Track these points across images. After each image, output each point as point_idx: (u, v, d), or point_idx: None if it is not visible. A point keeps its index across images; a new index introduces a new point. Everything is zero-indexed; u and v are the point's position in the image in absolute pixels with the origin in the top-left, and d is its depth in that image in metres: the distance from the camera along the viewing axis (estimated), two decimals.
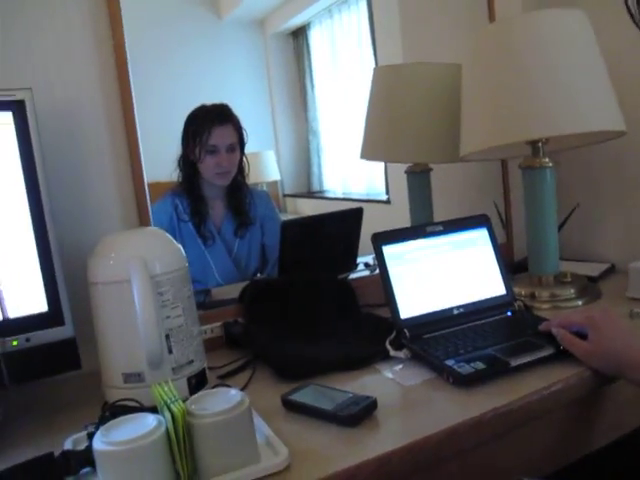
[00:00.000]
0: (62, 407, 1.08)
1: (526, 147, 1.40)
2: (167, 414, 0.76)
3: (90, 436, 0.88)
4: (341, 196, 3.48)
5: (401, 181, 1.75)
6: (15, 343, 0.97)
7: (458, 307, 1.21)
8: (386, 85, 1.63)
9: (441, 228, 1.26)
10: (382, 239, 1.20)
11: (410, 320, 1.17)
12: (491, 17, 1.67)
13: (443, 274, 1.23)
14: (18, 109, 0.95)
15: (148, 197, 1.23)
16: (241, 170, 2.00)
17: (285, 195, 3.66)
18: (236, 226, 2.00)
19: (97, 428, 0.88)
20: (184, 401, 0.80)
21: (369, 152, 1.66)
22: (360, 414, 0.91)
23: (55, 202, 1.01)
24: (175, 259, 1.03)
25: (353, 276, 1.57)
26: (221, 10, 3.57)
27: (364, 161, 1.72)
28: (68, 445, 0.90)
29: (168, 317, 1.00)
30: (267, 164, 3.46)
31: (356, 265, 1.68)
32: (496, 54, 1.29)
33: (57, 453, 0.86)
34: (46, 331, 0.99)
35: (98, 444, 0.75)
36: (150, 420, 0.77)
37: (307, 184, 3.78)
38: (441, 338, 1.13)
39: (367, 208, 1.64)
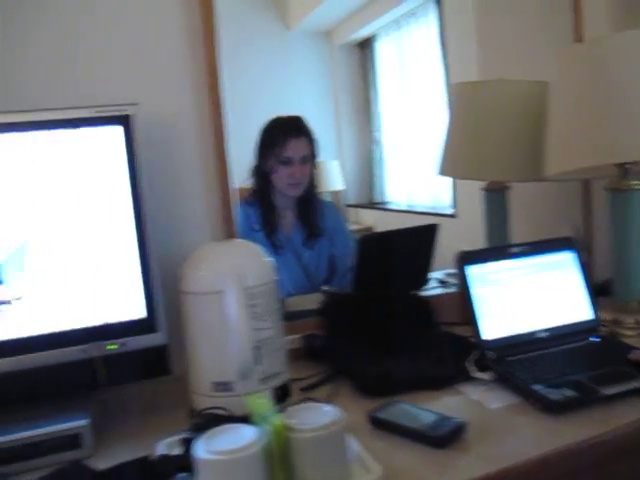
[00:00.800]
0: (150, 410, 1.12)
1: (612, 167, 1.37)
2: (267, 426, 0.78)
3: (184, 442, 0.91)
4: (405, 208, 3.48)
5: (469, 195, 1.74)
6: (113, 347, 1.01)
7: (542, 330, 1.19)
8: (467, 101, 1.63)
9: (525, 249, 1.24)
10: (466, 259, 1.20)
11: (493, 342, 1.16)
12: (577, 36, 1.64)
13: (527, 296, 1.21)
14: (126, 123, 0.99)
15: (234, 210, 1.26)
16: (312, 181, 2.03)
17: (348, 205, 3.68)
18: (305, 236, 2.02)
19: (191, 434, 0.91)
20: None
21: (448, 168, 1.65)
22: (450, 436, 0.91)
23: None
24: (266, 272, 1.05)
25: (426, 293, 1.57)
26: (290, 21, 3.63)
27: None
28: (162, 449, 0.93)
29: (258, 329, 1.02)
30: (331, 174, 3.49)
31: (427, 281, 1.67)
32: (588, 73, 1.27)
33: (149, 455, 0.89)
34: (141, 337, 1.03)
35: (201, 452, 0.77)
36: (249, 432, 0.79)
37: (369, 195, 3.80)
38: (526, 361, 1.12)
39: (431, 221, 1.64)
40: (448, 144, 1.65)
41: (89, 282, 1.00)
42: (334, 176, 3.52)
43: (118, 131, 1.00)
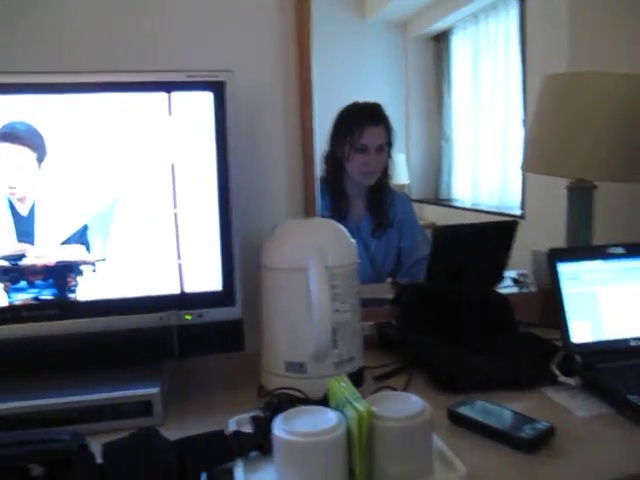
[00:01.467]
0: (219, 384, 1.10)
1: None
2: (351, 412, 0.74)
3: (255, 420, 0.88)
4: (469, 206, 3.38)
5: (541, 196, 1.65)
6: (189, 317, 0.99)
7: (636, 339, 1.11)
8: (559, 94, 1.54)
9: (623, 251, 1.16)
10: (558, 255, 1.13)
11: (582, 346, 1.08)
12: None
13: (622, 301, 1.13)
14: (218, 90, 0.97)
15: (317, 189, 1.22)
16: (385, 171, 1.98)
17: (412, 200, 3.61)
18: (374, 226, 1.97)
19: (263, 413, 0.89)
20: None
21: (532, 164, 1.57)
22: (538, 440, 0.85)
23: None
24: (349, 253, 1.02)
25: (503, 291, 1.50)
26: (366, 12, 3.58)
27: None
28: (232, 425, 0.90)
29: (337, 311, 0.98)
30: (397, 167, 3.43)
31: (502, 279, 1.60)
32: None
33: (223, 430, 0.86)
34: (218, 310, 1.01)
35: (279, 432, 0.74)
36: (331, 415, 0.76)
37: (435, 191, 3.71)
38: (618, 370, 1.04)
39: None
40: (533, 139, 1.57)
41: (170, 250, 0.98)
42: (400, 169, 3.45)
43: (209, 97, 0.97)
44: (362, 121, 1.87)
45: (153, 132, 0.96)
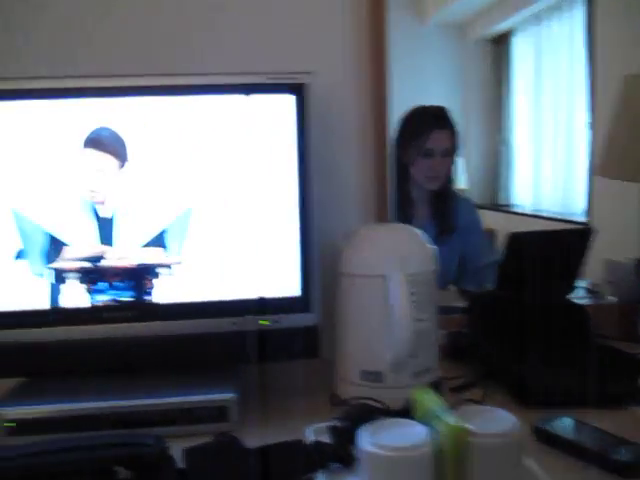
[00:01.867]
0: (293, 391, 1.08)
1: None
2: (441, 426, 0.71)
3: (333, 430, 0.86)
4: (530, 212, 3.28)
5: (610, 203, 1.58)
6: (265, 322, 0.98)
7: None
8: None
9: None
10: None
11: None
12: None
13: None
14: (299, 93, 0.95)
15: (390, 193, 1.20)
16: (450, 176, 1.94)
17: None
18: (438, 232, 1.93)
19: (341, 423, 0.87)
20: None
21: (610, 170, 1.51)
22: (637, 463, 0.80)
23: None
24: (428, 260, 0.99)
25: (579, 301, 1.44)
26: (424, 13, 3.52)
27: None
28: (310, 435, 0.88)
29: (417, 319, 0.96)
30: (455, 171, 3.35)
31: (574, 288, 1.54)
32: None
33: (303, 440, 0.84)
34: (294, 315, 0.99)
35: (367, 445, 0.71)
36: (420, 429, 0.73)
37: (493, 196, 3.62)
38: None
39: (559, 227, 1.50)
40: (613, 142, 1.50)
41: (248, 254, 0.97)
42: (458, 174, 3.38)
43: (289, 100, 0.96)
44: (428, 125, 1.84)
45: (232, 135, 0.95)
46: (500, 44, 3.80)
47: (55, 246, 0.96)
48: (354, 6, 1.18)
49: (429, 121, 1.85)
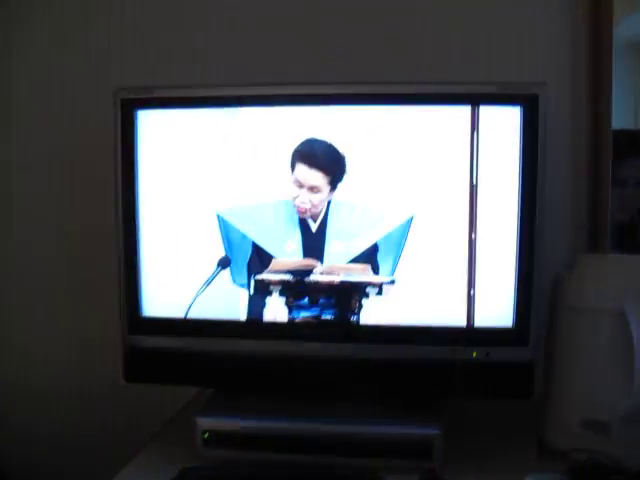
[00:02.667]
0: (496, 431, 0.99)
1: None
2: None
3: None
4: None
5: None
6: (475, 354, 0.89)
7: None
8: None
9: None
10: None
11: None
12: None
13: None
14: (529, 105, 0.86)
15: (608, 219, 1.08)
16: None
17: None
18: None
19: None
20: None
21: None
22: None
23: None
24: None
25: None
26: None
27: None
28: None
29: None
30: None
31: None
32: None
33: None
34: (507, 349, 0.90)
35: None
36: None
37: None
38: None
39: None
40: None
41: (462, 277, 0.89)
42: None
43: (516, 113, 0.87)
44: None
45: (454, 148, 0.88)
46: None
47: (259, 257, 0.93)
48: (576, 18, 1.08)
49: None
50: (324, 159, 0.89)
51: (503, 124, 0.88)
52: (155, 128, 0.93)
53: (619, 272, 0.87)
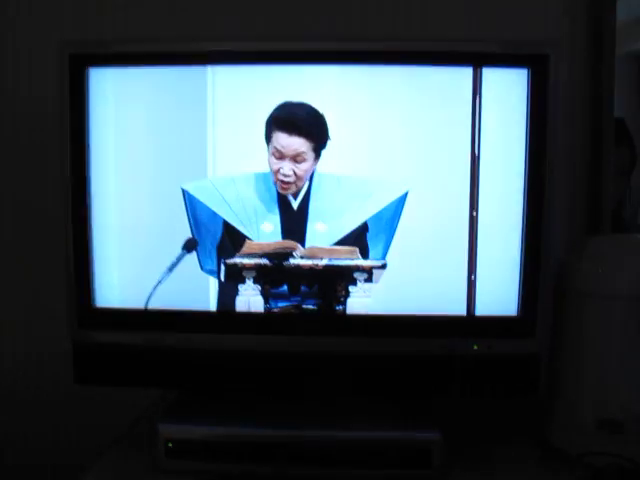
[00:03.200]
0: (491, 430, 0.89)
1: None
2: None
3: None
4: None
5: None
6: (476, 347, 0.80)
7: None
8: None
9: None
10: None
11: None
12: None
13: None
14: (538, 67, 0.77)
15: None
16: None
17: None
18: None
19: None
20: None
21: None
22: None
23: None
24: None
25: None
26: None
27: None
28: None
29: None
30: None
31: None
32: None
33: None
34: (510, 340, 0.80)
35: None
36: None
37: None
38: None
39: None
40: None
41: (461, 261, 0.79)
42: None
43: (523, 76, 0.78)
44: None
45: (453, 115, 0.78)
46: None
47: (231, 239, 0.81)
48: None
49: None
50: (305, 123, 0.78)
51: (508, 88, 0.78)
52: (110, 90, 0.80)
53: (634, 254, 0.78)
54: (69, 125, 0.80)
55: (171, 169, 0.81)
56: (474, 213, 0.79)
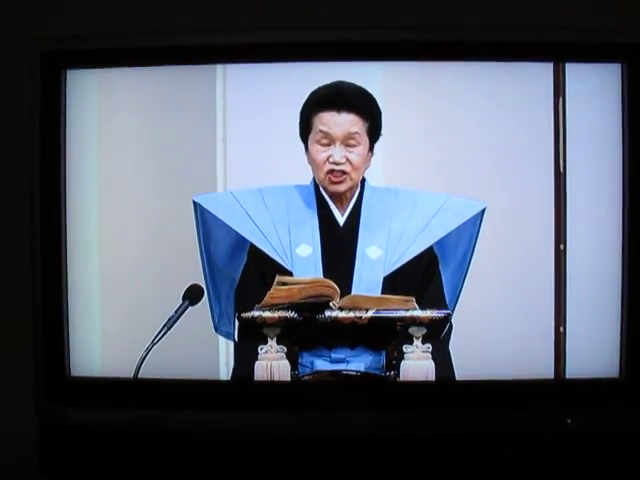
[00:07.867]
0: None
1: None
2: None
3: None
4: None
5: None
6: (569, 421, 0.61)
7: None
8: None
9: None
10: None
11: None
12: None
13: None
14: (633, 59, 0.61)
15: None
16: None
17: None
18: None
19: None
20: None
21: None
22: None
23: None
24: None
25: None
26: None
27: None
28: None
29: None
30: None
31: None
32: None
33: None
34: (613, 411, 0.62)
35: None
36: None
37: None
38: None
39: None
40: None
41: (546, 305, 0.62)
42: None
43: (610, 71, 0.62)
44: None
45: (530, 121, 0.62)
46: None
47: (258, 268, 0.63)
48: None
49: None
50: (355, 97, 0.62)
51: (598, 87, 0.62)
52: (91, 94, 0.63)
53: None
54: (39, 135, 0.63)
55: (175, 182, 0.64)
56: (561, 246, 0.62)
